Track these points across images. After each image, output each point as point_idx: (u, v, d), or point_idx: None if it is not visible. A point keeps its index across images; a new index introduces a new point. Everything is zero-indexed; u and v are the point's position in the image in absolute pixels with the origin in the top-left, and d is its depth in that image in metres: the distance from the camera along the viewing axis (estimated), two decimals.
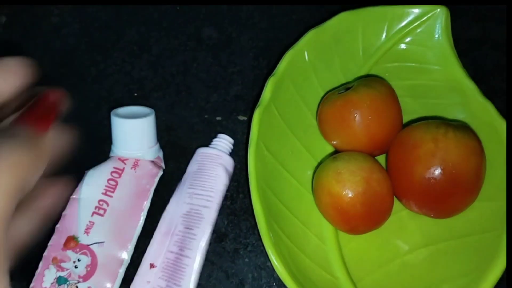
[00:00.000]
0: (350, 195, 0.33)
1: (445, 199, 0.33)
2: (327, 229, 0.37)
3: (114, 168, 0.37)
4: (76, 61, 0.47)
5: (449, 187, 0.32)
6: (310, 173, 0.38)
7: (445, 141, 0.32)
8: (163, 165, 0.39)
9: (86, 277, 0.34)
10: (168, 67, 0.46)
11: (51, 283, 0.34)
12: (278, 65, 0.39)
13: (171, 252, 0.35)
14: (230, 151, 0.40)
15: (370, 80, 0.37)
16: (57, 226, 0.35)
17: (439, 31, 0.39)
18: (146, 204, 0.37)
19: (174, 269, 0.35)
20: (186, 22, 0.48)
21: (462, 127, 0.33)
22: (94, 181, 0.37)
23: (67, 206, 0.36)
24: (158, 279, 0.35)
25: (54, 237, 0.35)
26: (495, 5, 0.45)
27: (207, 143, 0.40)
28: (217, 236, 0.38)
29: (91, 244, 0.35)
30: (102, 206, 0.36)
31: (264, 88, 0.38)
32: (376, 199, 0.33)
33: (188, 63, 0.46)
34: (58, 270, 0.35)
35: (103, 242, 0.35)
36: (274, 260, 0.32)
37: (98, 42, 0.48)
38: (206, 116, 0.44)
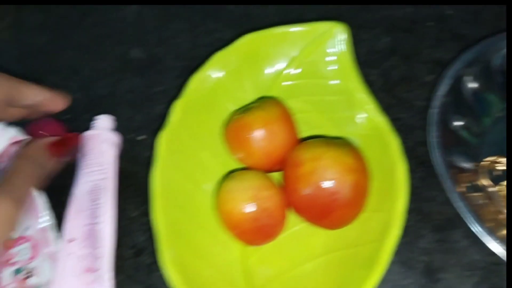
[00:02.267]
0: (240, 212, 0.35)
1: (327, 213, 0.35)
2: (233, 240, 0.39)
3: None
4: None
5: (329, 202, 0.34)
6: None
7: (323, 161, 0.34)
8: (23, 136, 0.42)
9: (33, 256, 0.39)
10: (96, 89, 0.49)
11: (11, 279, 0.38)
12: (185, 88, 0.41)
13: (85, 225, 0.39)
14: (111, 126, 0.44)
15: (264, 102, 0.39)
16: None
17: (339, 47, 0.41)
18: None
19: (91, 237, 0.39)
20: (114, 44, 0.51)
21: (342, 145, 0.35)
22: None
23: None
24: (79, 250, 0.38)
25: None
26: (495, 5, 0.47)
27: (131, 160, 0.43)
28: (135, 251, 0.41)
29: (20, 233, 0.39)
30: None
31: (171, 111, 0.40)
32: (265, 214, 0.36)
33: (115, 84, 0.49)
34: (11, 266, 0.38)
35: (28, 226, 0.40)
36: (171, 277, 0.34)
37: (34, 64, 0.50)
38: (131, 135, 0.46)
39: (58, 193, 0.41)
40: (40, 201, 0.40)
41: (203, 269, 0.37)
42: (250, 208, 0.35)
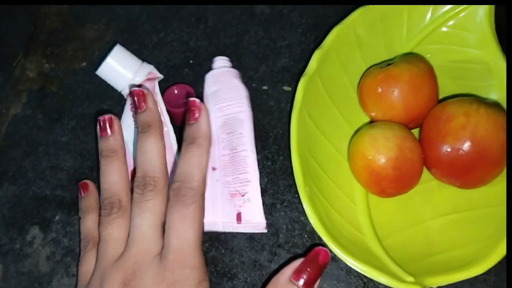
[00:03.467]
0: (383, 159, 0.36)
1: (471, 170, 0.35)
2: (358, 192, 0.40)
3: (130, 105, 0.42)
4: (139, 29, 0.51)
5: (476, 159, 0.35)
6: (346, 141, 0.41)
7: (476, 116, 0.35)
8: (158, 74, 0.45)
9: None
10: (222, 38, 0.50)
11: None
12: (326, 39, 0.41)
13: (224, 155, 0.40)
14: (231, 65, 0.45)
15: (411, 57, 0.39)
16: None
17: (482, 16, 0.41)
18: (162, 105, 0.42)
19: (235, 164, 0.40)
20: None
21: (493, 105, 0.35)
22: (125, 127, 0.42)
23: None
24: (223, 177, 0.40)
25: None
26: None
27: (255, 108, 0.44)
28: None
29: None
30: None
31: (311, 60, 0.41)
32: (406, 164, 0.36)
33: (240, 35, 0.50)
34: None
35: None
36: (308, 210, 0.35)
37: (160, 12, 0.52)
38: (254, 85, 0.47)
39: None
40: (170, 137, 0.42)
41: (331, 212, 0.38)
42: (394, 156, 0.36)
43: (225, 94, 0.42)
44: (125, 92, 0.44)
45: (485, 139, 0.34)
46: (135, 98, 0.39)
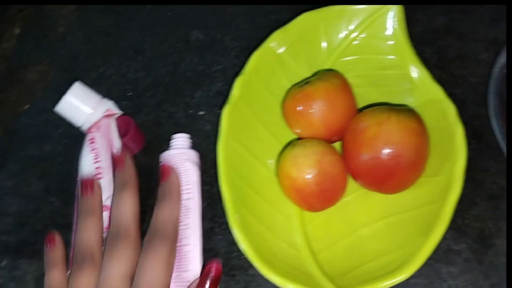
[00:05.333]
0: (305, 176, 0.37)
1: (389, 177, 0.36)
2: (293, 209, 0.41)
3: (89, 140, 0.43)
4: (79, 67, 0.53)
5: (392, 165, 0.36)
6: (277, 159, 0.42)
7: (388, 124, 0.36)
8: (116, 110, 0.45)
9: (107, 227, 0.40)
10: (159, 68, 0.51)
11: None
12: (246, 65, 0.43)
13: None
14: (191, 145, 0.44)
15: (325, 74, 0.41)
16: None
17: (394, 23, 0.42)
18: (116, 142, 0.43)
19: (178, 259, 0.38)
20: (176, 26, 0.53)
21: (404, 111, 0.37)
22: (84, 162, 0.42)
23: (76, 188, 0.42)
24: None
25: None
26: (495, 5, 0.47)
27: (192, 134, 0.45)
28: None
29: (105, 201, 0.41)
30: (99, 171, 0.42)
31: (233, 87, 0.42)
32: (328, 178, 0.37)
33: (176, 63, 0.51)
34: None
35: (109, 195, 0.41)
36: (238, 237, 0.36)
37: (99, 48, 0.54)
38: (190, 111, 0.48)
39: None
40: None
41: (263, 234, 0.39)
42: (314, 172, 0.37)
43: None
44: (84, 127, 0.45)
45: (398, 145, 0.35)
46: (116, 162, 0.42)
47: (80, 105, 0.44)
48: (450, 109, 0.38)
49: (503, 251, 0.37)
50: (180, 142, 0.43)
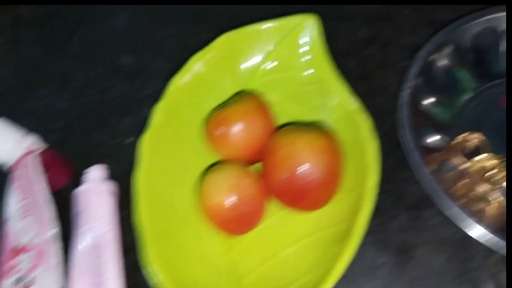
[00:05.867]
0: (222, 202, 0.36)
1: (304, 194, 0.36)
2: (216, 234, 0.40)
3: (13, 179, 0.41)
4: (7, 101, 0.52)
5: (305, 184, 0.35)
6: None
7: (297, 145, 0.35)
8: (39, 145, 0.43)
9: (36, 265, 0.38)
10: (88, 96, 0.50)
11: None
12: (166, 90, 0.42)
13: (92, 284, 0.38)
14: (104, 175, 0.43)
15: (242, 96, 0.40)
16: None
17: (312, 37, 0.42)
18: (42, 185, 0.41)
19: None
20: (105, 52, 0.53)
21: (315, 129, 0.36)
22: (9, 201, 0.41)
23: (2, 228, 0.41)
24: None
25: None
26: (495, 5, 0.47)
27: (119, 163, 0.44)
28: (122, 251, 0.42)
29: (28, 242, 0.39)
30: (26, 209, 0.40)
31: (152, 115, 0.41)
32: (246, 201, 0.37)
33: (106, 90, 0.50)
34: (13, 275, 0.38)
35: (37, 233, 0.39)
36: (153, 270, 0.35)
37: (27, 79, 0.53)
38: (118, 139, 0.47)
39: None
40: (50, 209, 0.40)
41: (188, 264, 0.38)
42: (230, 196, 0.36)
43: (90, 213, 0.41)
44: (7, 166, 0.44)
45: (309, 164, 0.35)
46: None
47: (0, 143, 0.43)
48: (363, 124, 0.37)
49: (424, 262, 0.37)
50: (94, 175, 0.42)
